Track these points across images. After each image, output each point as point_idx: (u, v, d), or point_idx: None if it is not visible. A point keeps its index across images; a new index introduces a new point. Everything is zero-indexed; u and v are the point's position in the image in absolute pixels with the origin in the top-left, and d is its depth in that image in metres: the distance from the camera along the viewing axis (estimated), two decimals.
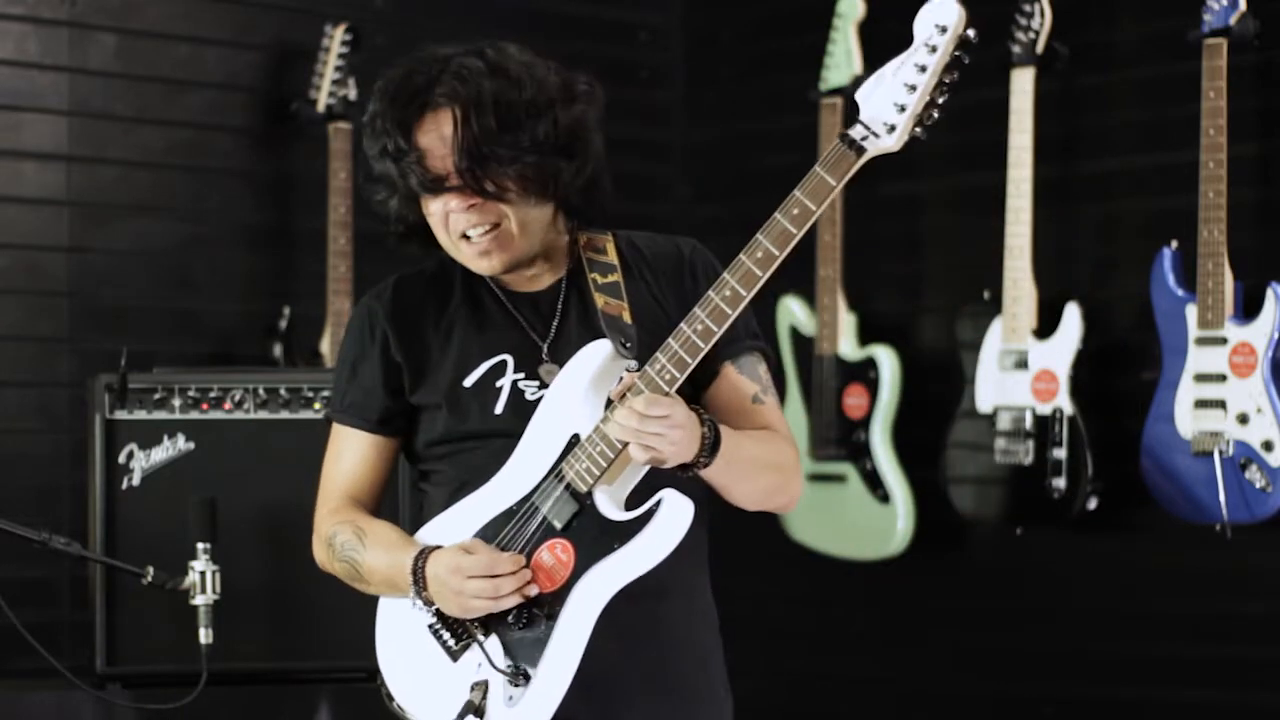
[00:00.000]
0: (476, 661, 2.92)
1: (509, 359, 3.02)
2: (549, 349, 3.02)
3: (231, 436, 4.06)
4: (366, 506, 3.10)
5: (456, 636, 2.95)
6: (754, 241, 2.83)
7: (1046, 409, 5.01)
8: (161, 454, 4.03)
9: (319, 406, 4.02)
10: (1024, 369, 5.04)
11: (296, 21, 5.35)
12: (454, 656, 2.95)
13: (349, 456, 3.11)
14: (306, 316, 5.26)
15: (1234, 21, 4.63)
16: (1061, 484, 4.99)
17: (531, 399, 2.98)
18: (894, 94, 2.80)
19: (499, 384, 3.01)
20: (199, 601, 3.82)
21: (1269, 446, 4.58)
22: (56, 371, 5.03)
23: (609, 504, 2.87)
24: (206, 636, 3.82)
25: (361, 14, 5.40)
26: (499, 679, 2.90)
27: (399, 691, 3.02)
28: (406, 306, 3.08)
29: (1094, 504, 4.99)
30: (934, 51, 2.79)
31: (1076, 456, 4.98)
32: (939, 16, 2.79)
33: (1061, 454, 4.99)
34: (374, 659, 3.06)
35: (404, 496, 3.58)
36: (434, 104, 2.93)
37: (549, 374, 2.99)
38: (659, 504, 2.83)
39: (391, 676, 3.03)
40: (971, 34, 2.79)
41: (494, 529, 2.94)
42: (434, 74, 2.94)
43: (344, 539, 3.05)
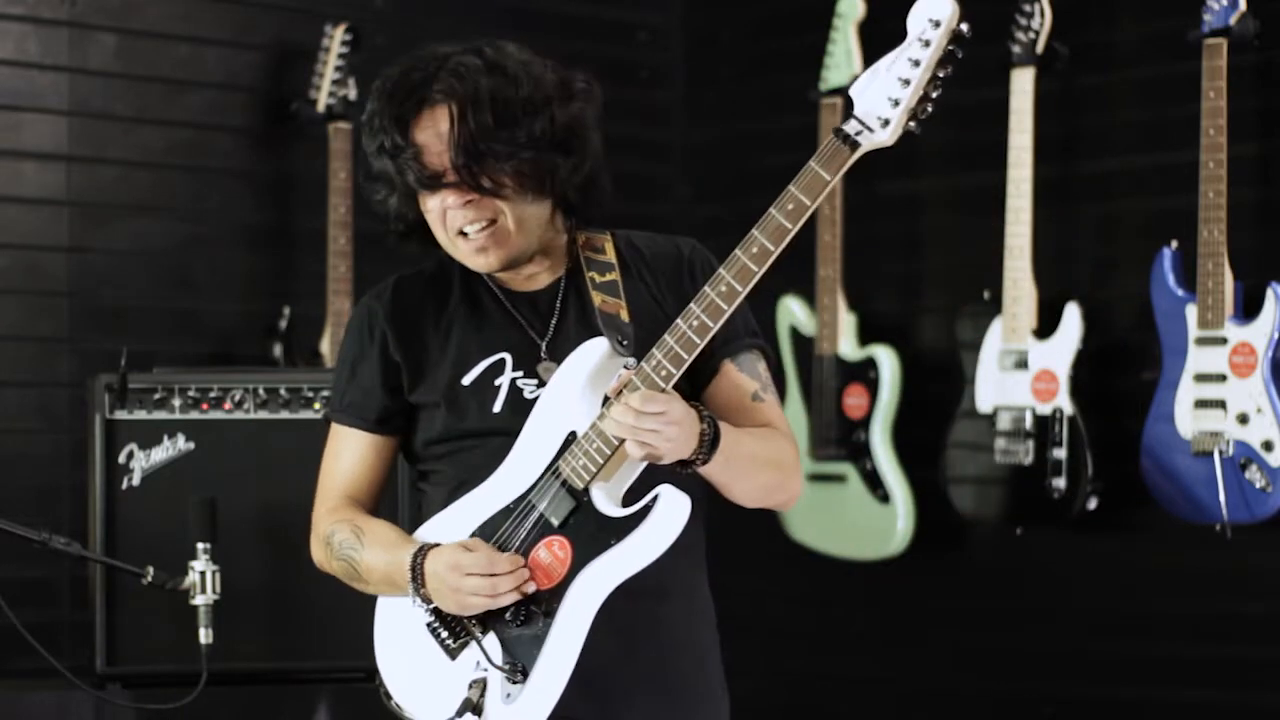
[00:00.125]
0: (474, 659, 2.92)
1: (507, 357, 3.02)
2: (547, 347, 3.02)
3: (231, 436, 4.06)
4: (364, 506, 3.10)
5: (454, 634, 2.95)
6: (749, 237, 2.83)
7: (1046, 409, 5.01)
8: (161, 454, 4.03)
9: (319, 406, 4.01)
10: (1024, 369, 5.04)
11: (296, 21, 5.35)
12: (452, 655, 2.95)
13: (347, 456, 3.11)
14: (306, 316, 5.26)
15: (1234, 21, 4.63)
16: (1061, 484, 4.99)
17: (530, 397, 2.98)
18: (888, 89, 2.80)
19: (497, 382, 3.01)
20: (199, 601, 3.81)
21: (1269, 446, 4.58)
22: (56, 371, 5.03)
23: (606, 500, 2.87)
24: (206, 636, 3.81)
25: (361, 14, 5.40)
26: (497, 676, 2.90)
27: (397, 690, 3.02)
28: (405, 306, 3.08)
29: (1094, 504, 4.98)
30: (927, 46, 2.79)
31: (1076, 456, 4.97)
32: (932, 11, 2.79)
33: (1061, 454, 4.99)
34: (373, 659, 3.06)
35: (403, 496, 3.58)
36: (431, 101, 2.93)
37: (547, 372, 2.99)
38: (656, 500, 2.83)
39: (389, 675, 3.03)
40: (965, 28, 2.79)
41: (491, 527, 2.94)
42: (431, 71, 2.94)
43: (342, 538, 3.06)
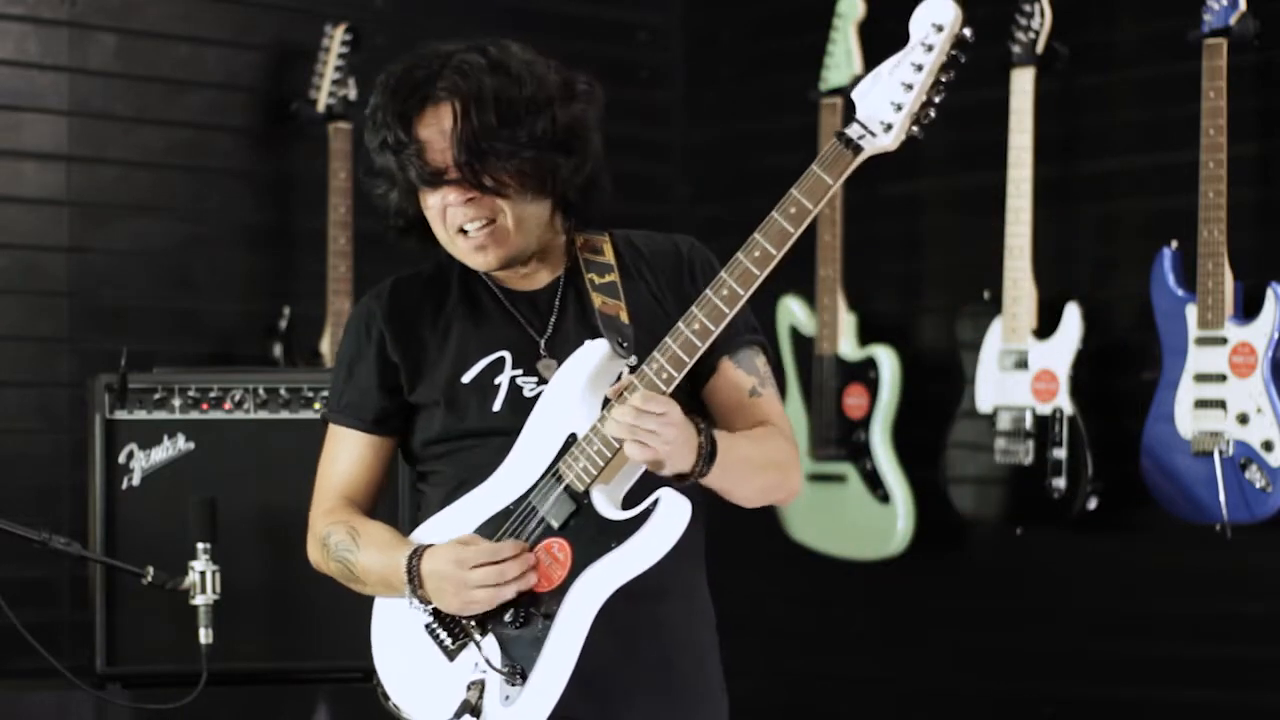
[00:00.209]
0: (473, 661, 2.92)
1: (506, 355, 3.02)
2: (546, 345, 3.02)
3: (231, 436, 4.05)
4: (362, 507, 3.10)
5: (453, 636, 2.94)
6: (751, 241, 2.83)
7: (1046, 409, 5.01)
8: (161, 454, 4.03)
9: (319, 407, 4.01)
10: (1024, 369, 5.03)
11: (296, 21, 5.35)
12: (450, 656, 2.95)
13: (345, 457, 3.11)
14: (306, 316, 5.26)
15: (1234, 21, 4.63)
16: (1061, 484, 4.99)
17: (530, 395, 2.98)
18: (891, 93, 2.79)
19: (497, 381, 3.01)
20: (199, 601, 3.81)
21: (1269, 446, 4.58)
22: (56, 371, 5.03)
23: (606, 503, 2.87)
24: (206, 636, 3.81)
25: (361, 14, 5.40)
26: (496, 679, 2.90)
27: (395, 691, 3.02)
28: (404, 307, 3.08)
29: (1094, 504, 4.98)
30: (930, 50, 2.78)
31: (1076, 456, 4.97)
32: (935, 15, 2.78)
33: (1061, 454, 4.99)
34: (371, 659, 3.05)
35: (403, 497, 3.58)
36: (435, 98, 2.93)
37: (547, 369, 2.99)
38: (656, 503, 2.83)
39: (387, 676, 3.03)
40: (968, 33, 2.78)
41: (490, 528, 2.94)
42: (435, 69, 2.94)
43: (338, 539, 3.05)
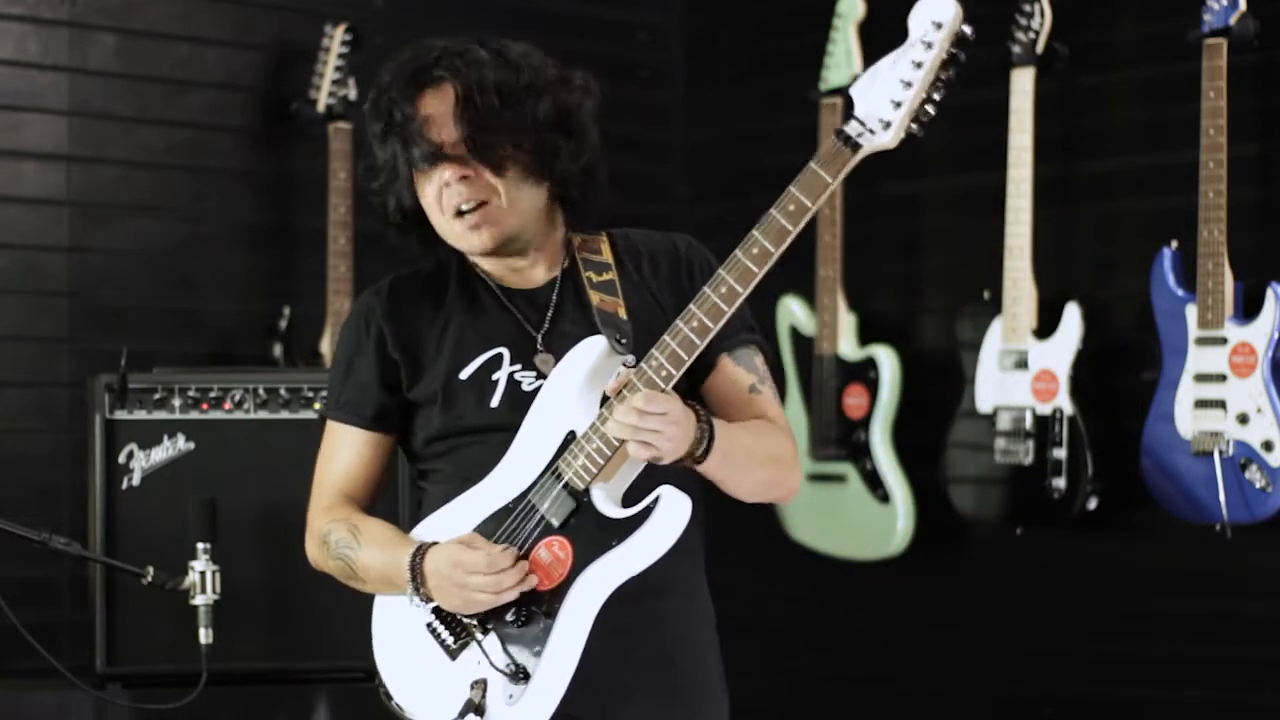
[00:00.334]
0: (475, 659, 2.92)
1: (505, 352, 3.02)
2: (544, 339, 3.03)
3: (231, 436, 4.06)
4: (361, 504, 3.10)
5: (455, 635, 2.94)
6: (750, 238, 2.83)
7: (1046, 409, 5.01)
8: (161, 454, 4.03)
9: (319, 406, 4.01)
10: (1024, 369, 5.03)
11: (296, 21, 5.35)
12: (452, 655, 2.95)
13: (344, 454, 3.11)
14: (306, 316, 5.26)
15: (1234, 21, 4.63)
16: (1061, 484, 4.99)
17: (528, 390, 2.99)
18: (890, 90, 2.79)
19: (495, 376, 3.01)
20: (199, 601, 3.81)
21: (1269, 446, 4.58)
22: (56, 371, 5.02)
23: (606, 501, 2.87)
24: (206, 636, 3.81)
25: (361, 14, 5.40)
26: (499, 677, 2.90)
27: (397, 690, 3.02)
28: (403, 304, 3.09)
29: (1094, 504, 4.98)
30: (930, 48, 2.78)
31: (1076, 456, 4.97)
32: (935, 13, 2.77)
33: (1061, 454, 4.98)
34: (372, 658, 3.05)
35: (404, 495, 3.58)
36: (436, 80, 2.96)
37: (545, 364, 2.99)
38: (657, 500, 2.83)
39: (389, 676, 3.03)
40: (968, 30, 2.78)
41: (490, 526, 2.94)
42: (436, 56, 2.98)
43: (338, 536, 3.05)
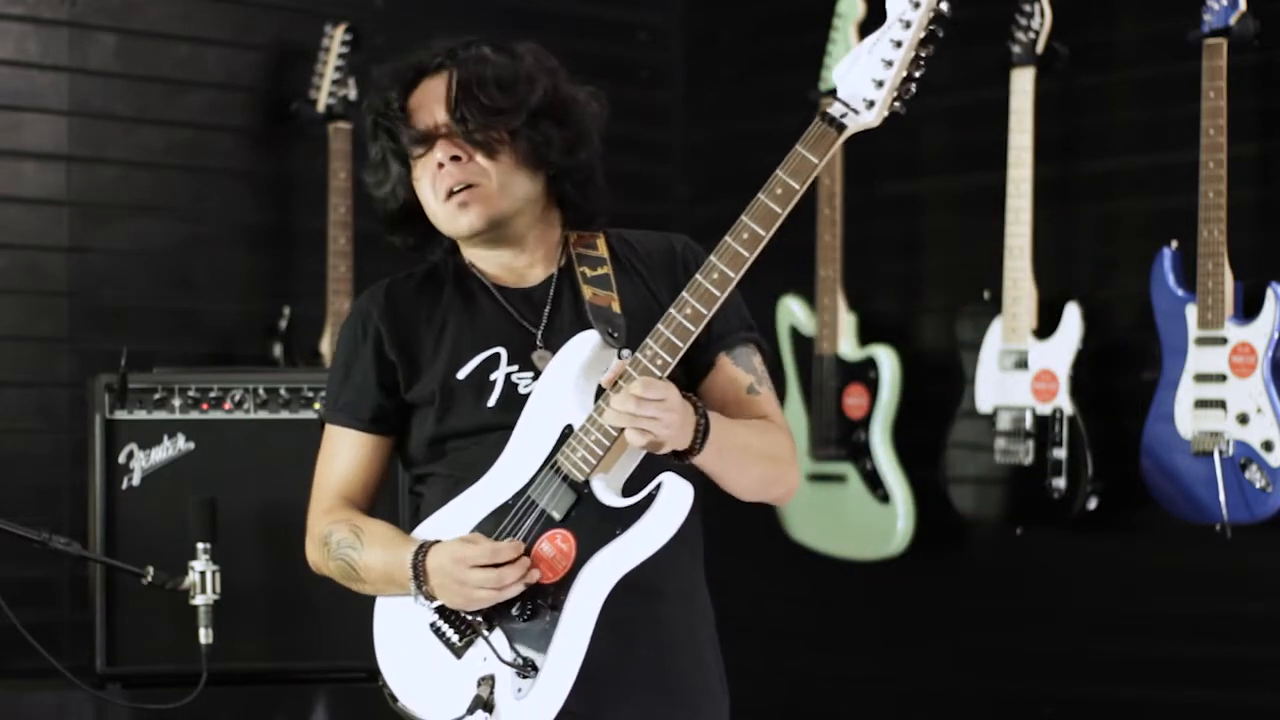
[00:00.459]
0: (481, 656, 2.92)
1: (502, 352, 3.03)
2: (541, 338, 3.03)
3: (231, 436, 4.06)
4: (360, 507, 3.10)
5: (460, 632, 2.94)
6: (738, 224, 2.86)
7: (1046, 409, 5.01)
8: (161, 454, 4.03)
9: (319, 406, 4.01)
10: (1024, 369, 5.03)
11: (296, 21, 5.35)
12: (458, 653, 2.95)
13: (342, 457, 3.11)
14: (306, 316, 5.26)
15: (1234, 21, 4.63)
16: (1061, 484, 4.99)
17: (525, 391, 2.99)
18: (871, 70, 2.83)
19: (492, 377, 3.02)
20: (199, 601, 3.81)
21: (1269, 446, 4.58)
22: (56, 371, 5.02)
23: (607, 491, 2.87)
24: (206, 636, 3.81)
25: (361, 14, 5.40)
26: (506, 673, 2.90)
27: (403, 692, 3.02)
28: (400, 305, 3.09)
29: (1094, 504, 4.98)
30: (908, 27, 2.81)
31: (1076, 456, 4.97)
32: None
33: (1061, 454, 4.99)
34: (373, 659, 3.05)
35: (403, 498, 3.57)
36: (433, 69, 3.00)
37: (542, 361, 3.00)
38: (659, 488, 2.84)
39: (393, 677, 3.03)
40: (945, 8, 2.81)
41: (490, 524, 2.94)
42: (436, 50, 3.02)
43: (340, 537, 3.05)
